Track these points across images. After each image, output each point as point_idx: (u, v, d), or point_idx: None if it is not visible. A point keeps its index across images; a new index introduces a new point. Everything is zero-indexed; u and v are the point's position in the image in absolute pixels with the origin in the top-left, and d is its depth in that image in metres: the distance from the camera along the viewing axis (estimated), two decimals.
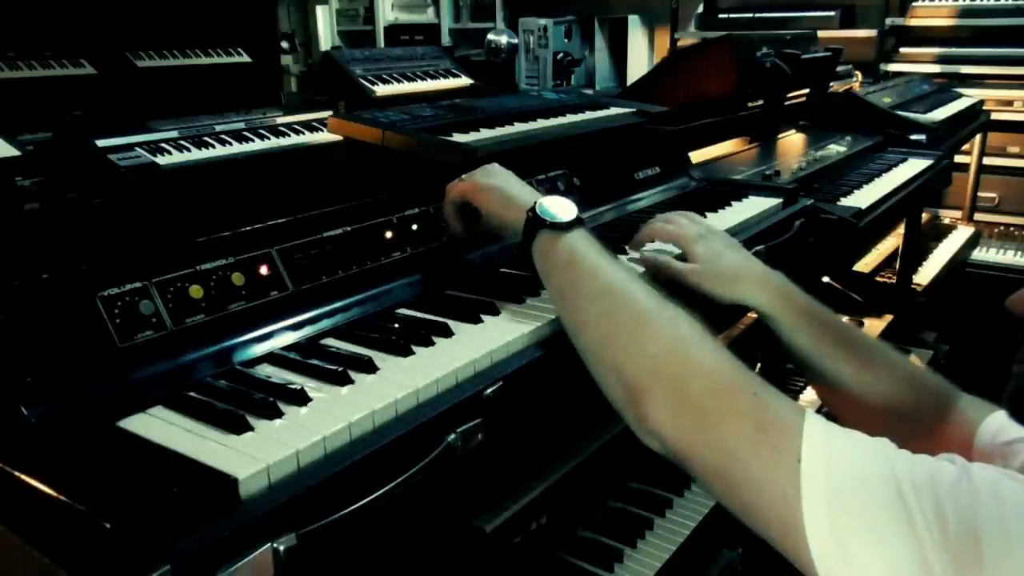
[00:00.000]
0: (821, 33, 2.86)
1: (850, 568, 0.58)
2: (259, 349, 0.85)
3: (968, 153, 3.21)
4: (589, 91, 3.80)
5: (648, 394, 0.72)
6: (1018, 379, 0.72)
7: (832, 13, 4.03)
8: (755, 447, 0.65)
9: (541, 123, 1.38)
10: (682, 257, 1.03)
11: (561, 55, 4.61)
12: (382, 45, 5.39)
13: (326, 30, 6.05)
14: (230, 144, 1.98)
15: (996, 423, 0.84)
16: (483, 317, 0.92)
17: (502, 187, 0.96)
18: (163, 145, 1.87)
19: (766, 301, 0.97)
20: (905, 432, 0.92)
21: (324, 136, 1.78)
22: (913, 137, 2.36)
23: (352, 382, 0.77)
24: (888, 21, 3.84)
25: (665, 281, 1.01)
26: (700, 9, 4.60)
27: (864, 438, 0.64)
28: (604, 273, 0.82)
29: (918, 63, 3.73)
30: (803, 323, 0.96)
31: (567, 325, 0.84)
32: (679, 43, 4.48)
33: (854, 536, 0.58)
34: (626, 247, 1.14)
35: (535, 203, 0.89)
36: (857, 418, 0.96)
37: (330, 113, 2.02)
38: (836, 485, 0.60)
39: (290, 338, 0.88)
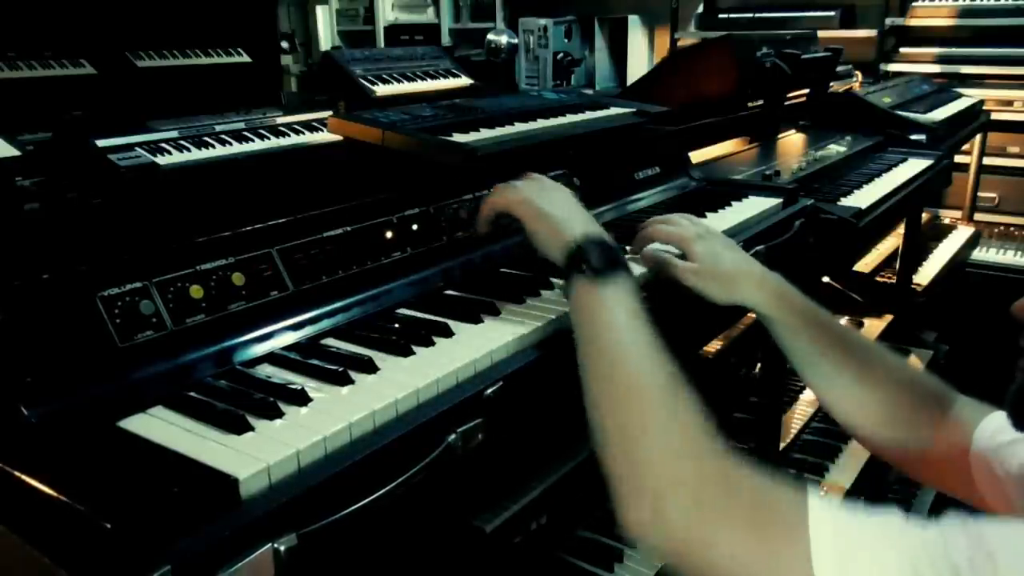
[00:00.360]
0: (821, 33, 2.86)
1: None
2: (259, 349, 0.85)
3: (968, 153, 3.21)
4: (589, 91, 3.80)
5: (648, 496, 0.70)
6: (1021, 385, 0.72)
7: (832, 13, 4.02)
8: (760, 554, 0.63)
9: (541, 123, 1.38)
10: (682, 258, 1.03)
11: (561, 55, 4.61)
12: (382, 45, 5.39)
13: (326, 30, 6.05)
14: (230, 144, 1.99)
15: (993, 424, 0.84)
16: (483, 317, 0.92)
17: (552, 214, 0.90)
18: (163, 145, 1.88)
19: (764, 302, 0.98)
20: (902, 434, 0.92)
21: (324, 136, 1.78)
22: (913, 137, 2.36)
23: (352, 382, 0.77)
24: (888, 21, 3.83)
25: (666, 280, 1.01)
26: (700, 9, 4.60)
27: (874, 525, 0.62)
28: (622, 353, 0.77)
29: (918, 63, 3.73)
30: (801, 324, 0.96)
31: (581, 370, 0.80)
32: (679, 43, 4.48)
33: None
34: (627, 247, 1.14)
35: (579, 241, 0.84)
36: (854, 420, 0.96)
37: (330, 113, 2.02)
38: None
39: (290, 338, 0.88)
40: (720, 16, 4.43)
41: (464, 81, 2.99)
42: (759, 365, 1.75)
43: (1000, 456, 0.81)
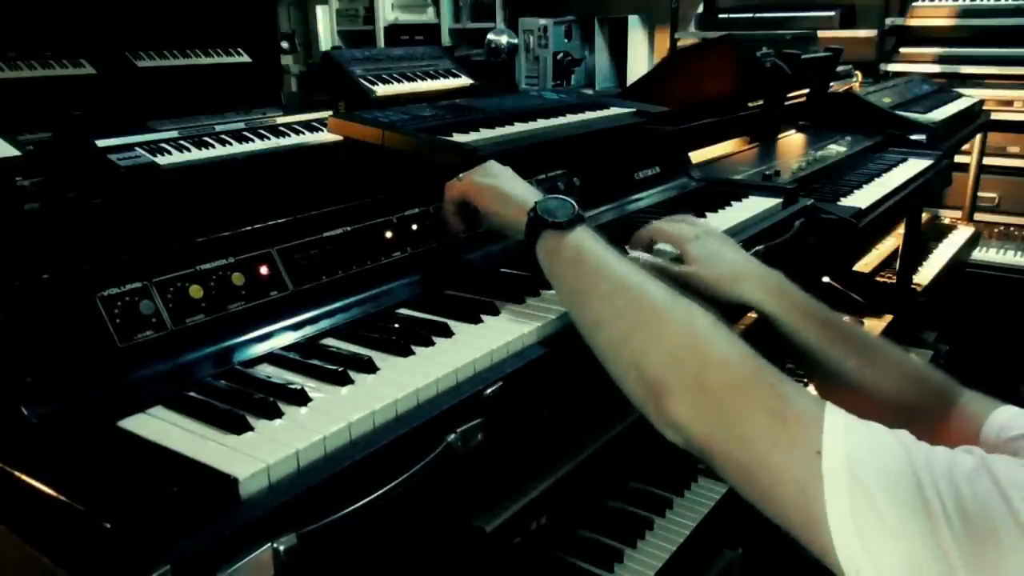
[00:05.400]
0: (821, 33, 2.86)
1: (872, 561, 0.59)
2: (259, 349, 0.85)
3: (968, 153, 3.21)
4: (589, 91, 3.81)
5: (667, 390, 0.72)
6: None
7: (832, 13, 4.03)
8: (774, 440, 0.66)
9: (541, 123, 1.38)
10: (680, 259, 1.03)
11: (561, 55, 4.61)
12: (382, 45, 5.40)
13: (326, 30, 6.06)
14: (230, 144, 1.99)
15: (1001, 418, 0.84)
16: (483, 317, 0.92)
17: (501, 186, 0.96)
18: (163, 145, 1.88)
19: (765, 300, 0.97)
20: (907, 428, 0.92)
21: (324, 136, 1.77)
22: (913, 137, 2.36)
23: (352, 382, 0.77)
24: (888, 21, 3.84)
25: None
26: (700, 9, 4.60)
27: (883, 431, 0.65)
28: (614, 270, 0.81)
29: (918, 63, 3.73)
30: (802, 320, 0.96)
31: (579, 324, 0.83)
32: (679, 43, 4.48)
33: (876, 530, 0.59)
34: (626, 248, 1.14)
35: (535, 202, 0.89)
36: (859, 415, 0.96)
37: (330, 113, 2.02)
38: (857, 479, 0.61)
39: (290, 338, 0.88)
40: (720, 16, 4.44)
41: (464, 81, 2.99)
42: None
43: (1010, 451, 0.80)
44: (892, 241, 2.53)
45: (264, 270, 0.90)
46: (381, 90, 2.69)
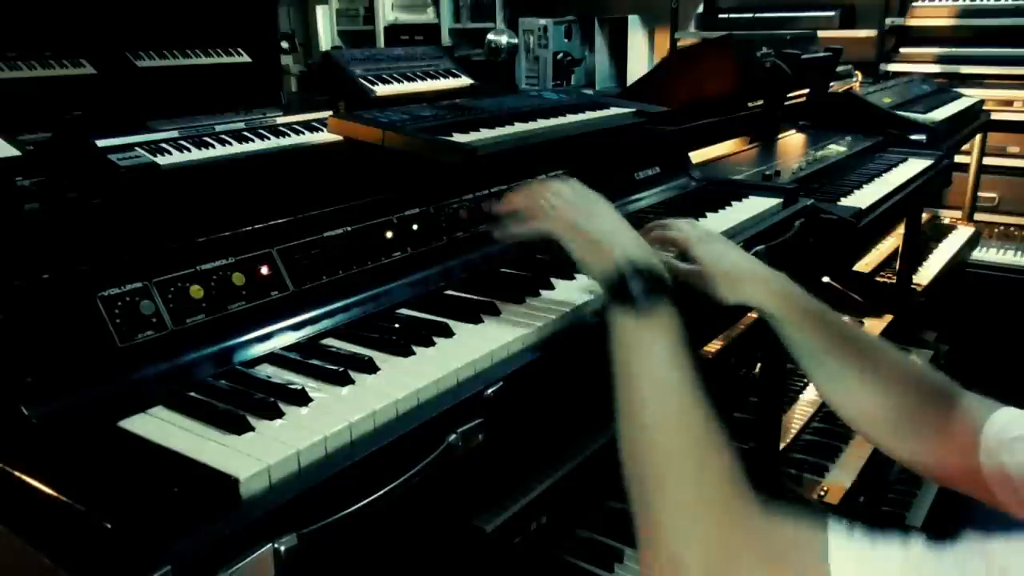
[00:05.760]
0: (821, 33, 2.86)
1: None
2: (259, 349, 0.85)
3: (968, 153, 3.21)
4: (589, 91, 3.80)
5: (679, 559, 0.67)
6: None
7: (832, 13, 4.02)
8: None
9: (541, 123, 1.38)
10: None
11: (561, 55, 4.61)
12: (382, 45, 5.39)
13: (326, 30, 6.05)
14: (230, 144, 1.99)
15: (1002, 420, 0.84)
16: (483, 317, 0.92)
17: (593, 231, 0.87)
18: (163, 145, 1.88)
19: (768, 301, 0.97)
20: (908, 430, 0.92)
21: (324, 136, 1.78)
22: (913, 137, 2.36)
23: (352, 382, 0.77)
24: (888, 21, 3.83)
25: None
26: (700, 9, 4.60)
27: (894, 558, 0.61)
28: (650, 402, 0.74)
29: (918, 63, 3.73)
30: (805, 322, 0.96)
31: (619, 399, 0.77)
32: (679, 43, 4.48)
33: None
34: None
35: (629, 264, 0.81)
36: (860, 417, 0.96)
37: (330, 113, 2.02)
38: None
39: (290, 338, 0.88)
40: (720, 16, 4.43)
41: (464, 81, 2.99)
42: (759, 365, 1.75)
43: (1011, 452, 0.80)
44: (892, 241, 2.53)
45: (264, 270, 0.90)
46: (381, 90, 2.69)
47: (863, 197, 1.74)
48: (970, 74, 3.62)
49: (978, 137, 3.15)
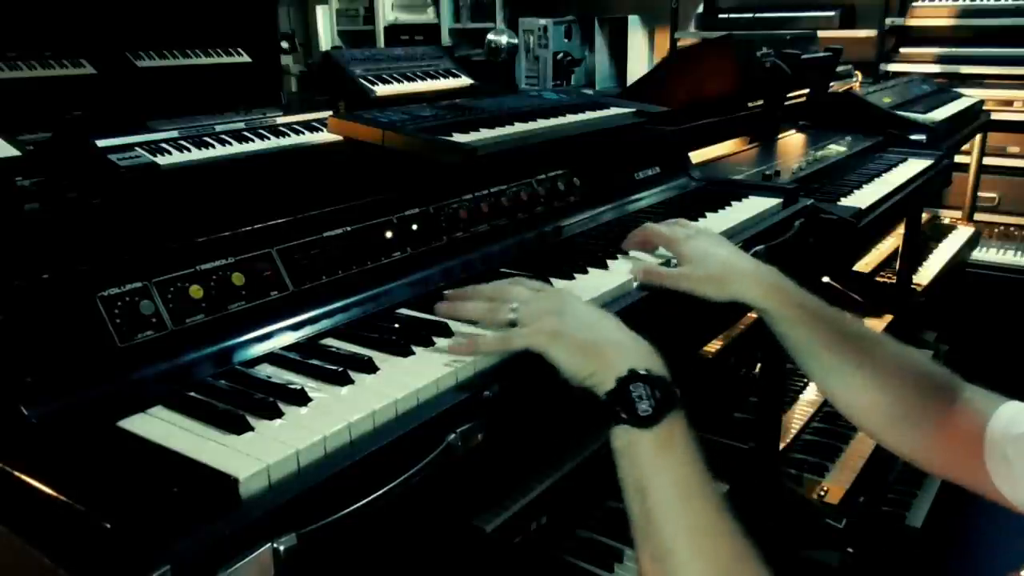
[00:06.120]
0: (821, 33, 2.86)
1: None
2: (259, 349, 0.85)
3: (968, 153, 3.21)
4: (589, 91, 3.80)
5: None
6: None
7: (832, 13, 4.03)
8: None
9: (541, 123, 1.38)
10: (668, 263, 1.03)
11: (561, 55, 4.61)
12: (382, 45, 5.40)
13: (326, 30, 6.05)
14: (230, 144, 1.99)
15: (1007, 414, 0.83)
16: None
17: (580, 337, 0.78)
18: (163, 145, 1.88)
19: (759, 296, 0.96)
20: (909, 423, 0.91)
21: (324, 136, 1.78)
22: (913, 137, 2.36)
23: (352, 382, 0.77)
24: (888, 21, 3.84)
25: (659, 288, 1.00)
26: (700, 9, 4.60)
27: None
28: (659, 520, 0.71)
29: (918, 63, 3.73)
30: (799, 316, 0.94)
31: (626, 502, 0.74)
32: (679, 43, 4.48)
33: None
34: (622, 248, 1.14)
35: (630, 373, 0.74)
36: (859, 411, 0.94)
37: (330, 113, 2.02)
38: None
39: (290, 338, 0.88)
40: (720, 16, 4.43)
41: (464, 81, 2.99)
42: (759, 365, 1.75)
43: (1016, 447, 0.80)
44: (892, 241, 2.53)
45: (264, 270, 0.90)
46: (381, 90, 2.70)
47: (863, 197, 1.74)
48: (970, 74, 3.62)
49: (978, 137, 3.15)
